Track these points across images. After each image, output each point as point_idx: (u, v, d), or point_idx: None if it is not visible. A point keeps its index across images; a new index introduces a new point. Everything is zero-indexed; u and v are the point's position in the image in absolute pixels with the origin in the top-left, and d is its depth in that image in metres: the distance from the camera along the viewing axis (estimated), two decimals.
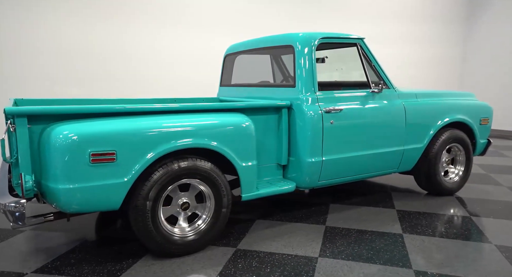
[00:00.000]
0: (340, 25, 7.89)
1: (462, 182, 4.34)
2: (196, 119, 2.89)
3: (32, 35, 5.05)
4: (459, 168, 4.35)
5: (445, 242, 3.11)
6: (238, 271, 2.68)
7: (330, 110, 3.39)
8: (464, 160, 4.34)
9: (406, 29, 8.73)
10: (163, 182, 2.74)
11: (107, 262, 2.82)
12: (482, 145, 4.46)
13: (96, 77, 5.44)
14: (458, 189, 4.32)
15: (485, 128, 4.43)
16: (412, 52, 8.88)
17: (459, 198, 4.23)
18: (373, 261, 2.81)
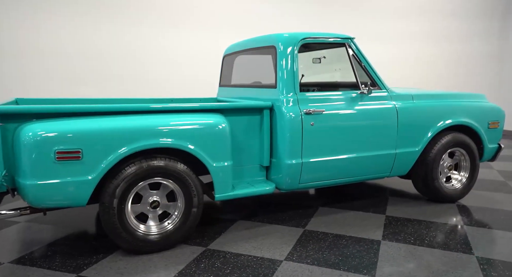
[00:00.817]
0: (363, 23, 7.71)
1: (466, 189, 4.11)
2: (166, 120, 2.94)
3: (44, 37, 5.33)
4: (463, 174, 4.13)
5: (423, 251, 2.98)
6: (198, 270, 2.71)
7: (310, 112, 3.34)
8: (469, 166, 4.11)
9: (433, 25, 8.36)
10: (129, 180, 2.82)
11: (79, 255, 2.94)
12: (491, 150, 4.21)
13: (106, 78, 5.67)
14: (461, 196, 4.10)
15: (494, 132, 4.17)
16: (441, 50, 8.50)
17: (460, 205, 4.02)
18: (337, 267, 2.74)
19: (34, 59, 5.29)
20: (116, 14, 5.65)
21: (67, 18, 5.37)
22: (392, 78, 7.42)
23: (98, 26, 5.55)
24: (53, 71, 5.39)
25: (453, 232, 3.33)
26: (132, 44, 5.78)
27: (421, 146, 3.81)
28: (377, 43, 7.83)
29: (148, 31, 5.90)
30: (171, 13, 6.02)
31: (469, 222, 3.56)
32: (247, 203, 4.13)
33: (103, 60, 5.65)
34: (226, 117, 3.27)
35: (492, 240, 3.17)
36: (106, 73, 5.67)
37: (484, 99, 4.29)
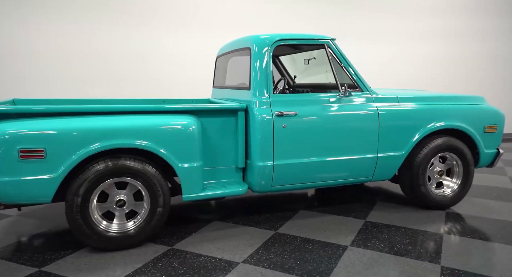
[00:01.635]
0: (390, 22, 7.53)
1: (458, 196, 3.92)
2: (130, 121, 3.01)
3: (51, 39, 5.57)
4: (455, 180, 3.94)
5: (387, 259, 2.88)
6: (153, 269, 2.75)
7: (282, 114, 3.30)
8: (461, 172, 3.91)
9: (446, 24, 8.01)
10: (92, 179, 2.91)
11: (50, 250, 3.07)
12: (488, 155, 3.98)
13: (113, 79, 5.85)
14: (452, 204, 3.92)
15: (491, 137, 3.95)
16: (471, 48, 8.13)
17: (450, 213, 3.84)
18: (291, 271, 2.70)
19: (44, 61, 5.54)
20: (121, 16, 5.83)
21: (75, 20, 5.59)
22: (401, 78, 7.21)
23: (103, 28, 5.74)
24: (63, 73, 5.64)
25: (429, 240, 3.19)
26: (135, 46, 5.94)
27: (406, 150, 3.67)
28: (387, 43, 7.61)
29: (151, 33, 6.04)
30: (175, 15, 6.13)
31: (451, 230, 3.40)
32: (229, 204, 4.15)
33: (109, 62, 5.84)
34: (200, 118, 3.31)
35: (467, 250, 3.01)
36: (112, 74, 5.86)
37: (482, 101, 4.07)
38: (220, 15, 6.47)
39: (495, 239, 3.21)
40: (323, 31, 6.89)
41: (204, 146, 3.40)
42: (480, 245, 3.11)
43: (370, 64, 7.36)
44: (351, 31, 7.36)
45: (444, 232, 3.36)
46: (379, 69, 7.48)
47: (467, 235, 3.30)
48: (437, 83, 7.83)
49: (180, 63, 6.19)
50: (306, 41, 3.52)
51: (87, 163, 2.97)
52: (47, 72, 5.57)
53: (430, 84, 7.62)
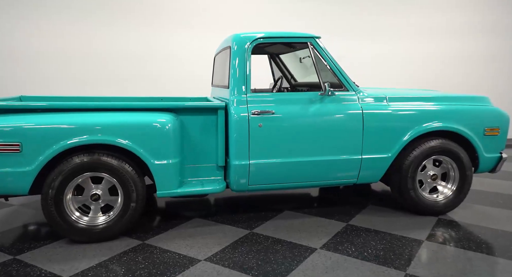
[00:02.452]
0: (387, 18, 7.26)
1: (453, 202, 3.71)
2: (105, 118, 3.10)
3: (62, 40, 5.84)
4: (450, 185, 3.73)
5: (353, 263, 2.78)
6: (117, 262, 2.83)
7: (258, 113, 3.28)
8: (457, 177, 3.70)
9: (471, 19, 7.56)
10: (66, 173, 3.03)
11: (31, 240, 3.23)
12: (489, 160, 3.74)
13: (121, 78, 6.05)
14: (446, 210, 3.71)
15: (493, 140, 3.70)
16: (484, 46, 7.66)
17: (442, 219, 3.64)
18: (249, 271, 2.68)
19: (53, 60, 5.83)
20: (125, 16, 6.03)
21: (81, 21, 5.83)
22: (414, 78, 6.92)
23: (108, 28, 5.96)
24: (70, 72, 5.90)
25: (405, 247, 3.05)
26: (140, 46, 6.11)
27: (393, 152, 3.52)
28: (402, 40, 7.31)
29: (155, 33, 6.18)
30: (178, 15, 6.24)
31: (435, 238, 3.22)
32: (217, 202, 4.17)
33: (116, 62, 6.05)
34: (181, 116, 3.36)
35: (443, 259, 2.85)
36: (120, 74, 6.07)
37: (485, 102, 3.82)
38: (222, 14, 6.52)
39: (480, 249, 3.02)
40: (325, 30, 6.81)
41: (185, 144, 3.44)
42: (460, 254, 2.93)
43: (379, 62, 7.16)
44: (357, 29, 7.17)
45: (425, 239, 3.19)
46: (387, 68, 7.24)
47: (450, 243, 3.12)
48: (453, 82, 7.44)
49: (183, 62, 6.28)
50: (288, 39, 3.46)
51: (60, 157, 3.09)
52: (56, 71, 5.85)
53: (445, 83, 7.26)
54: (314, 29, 6.86)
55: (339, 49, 6.92)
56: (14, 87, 5.54)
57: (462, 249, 3.01)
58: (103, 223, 3.17)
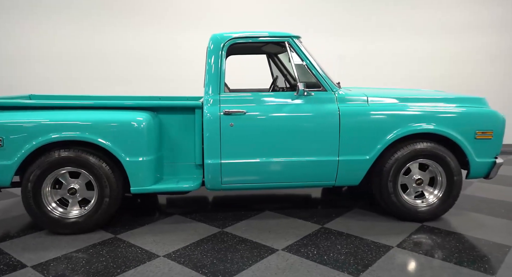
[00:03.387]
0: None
1: (440, 209, 3.52)
2: (82, 116, 3.24)
3: (87, 42, 6.14)
4: (437, 191, 3.55)
5: (307, 266, 2.73)
6: (81, 254, 2.96)
7: (230, 112, 3.30)
8: (445, 182, 3.51)
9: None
10: (43, 167, 3.20)
11: (17, 229, 3.45)
12: (481, 165, 3.51)
13: (130, 78, 6.28)
14: (432, 217, 3.53)
15: (485, 144, 3.48)
16: None
17: (425, 226, 3.46)
18: (200, 269, 2.71)
19: (66, 61, 6.16)
20: (134, 18, 6.24)
21: (102, 27, 6.10)
22: (422, 76, 6.60)
23: (120, 30, 6.19)
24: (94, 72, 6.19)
25: (369, 252, 2.94)
26: (144, 46, 6.30)
27: (373, 154, 3.41)
28: (405, 38, 6.98)
29: (163, 34, 6.34)
30: (187, 15, 6.36)
31: (406, 245, 3.08)
32: (202, 200, 4.22)
33: (124, 62, 6.29)
34: (160, 115, 3.47)
35: (402, 266, 2.73)
36: (127, 73, 6.31)
37: (480, 103, 3.60)
38: (227, 15, 6.58)
39: (449, 258, 2.85)
40: (332, 29, 6.66)
41: (164, 142, 3.53)
42: (424, 262, 2.79)
43: (382, 61, 6.92)
44: (358, 27, 6.95)
45: (396, 246, 3.06)
46: (391, 67, 6.98)
47: (420, 251, 2.97)
48: (463, 81, 7.02)
49: (187, 62, 6.40)
50: (265, 39, 3.45)
51: (40, 152, 3.26)
52: (70, 71, 6.18)
53: (459, 82, 6.86)
54: (314, 28, 6.80)
55: (341, 48, 6.79)
56: (29, 86, 5.89)
57: (429, 257, 2.86)
58: (78, 216, 3.31)
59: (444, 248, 3.01)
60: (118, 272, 2.68)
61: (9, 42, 6.10)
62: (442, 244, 3.09)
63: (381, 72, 6.95)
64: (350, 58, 6.84)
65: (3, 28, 6.05)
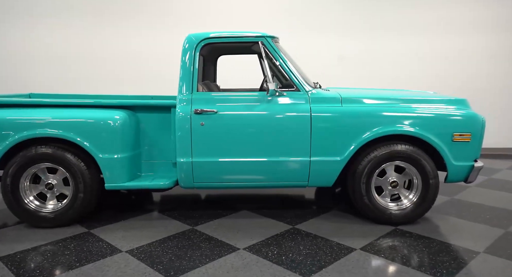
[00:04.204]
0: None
1: (415, 213, 3.44)
2: (59, 114, 3.36)
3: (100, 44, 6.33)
4: (412, 194, 3.47)
5: (262, 266, 2.73)
6: (50, 247, 3.07)
7: (201, 111, 3.34)
8: (420, 185, 3.43)
9: None
10: (20, 163, 3.34)
11: (5, 220, 3.58)
12: (459, 169, 3.40)
13: (143, 78, 6.42)
14: (406, 220, 3.45)
15: (463, 147, 3.37)
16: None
17: (398, 230, 3.39)
18: (155, 265, 2.77)
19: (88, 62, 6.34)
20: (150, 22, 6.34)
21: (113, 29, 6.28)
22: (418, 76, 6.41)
23: (120, 31, 6.37)
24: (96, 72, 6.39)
25: (330, 254, 2.91)
26: (148, 47, 6.42)
27: (345, 155, 3.36)
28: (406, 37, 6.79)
29: (167, 35, 6.44)
30: (188, 16, 6.45)
31: (369, 248, 3.02)
32: (186, 198, 4.27)
33: (130, 62, 6.43)
34: (138, 114, 3.58)
35: (356, 268, 2.68)
36: (143, 73, 6.42)
37: (461, 105, 3.49)
38: (225, 14, 6.63)
39: (408, 262, 2.79)
40: (332, 28, 6.58)
41: (143, 140, 3.62)
42: (382, 266, 2.74)
43: (383, 60, 6.78)
44: (358, 25, 6.81)
45: (359, 248, 3.02)
46: (391, 67, 6.82)
47: (381, 254, 2.92)
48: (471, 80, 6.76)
49: None
50: (239, 39, 3.47)
51: (19, 149, 3.39)
52: (72, 71, 6.39)
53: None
54: (316, 26, 6.73)
55: (340, 48, 6.71)
56: (32, 85, 6.12)
57: (389, 261, 2.81)
58: (54, 211, 3.43)
59: (408, 252, 2.94)
60: (77, 265, 2.76)
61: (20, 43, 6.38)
62: (408, 248, 3.02)
63: (381, 72, 6.82)
64: (350, 58, 6.76)
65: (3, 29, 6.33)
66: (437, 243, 3.12)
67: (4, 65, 6.44)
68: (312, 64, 6.58)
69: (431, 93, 3.99)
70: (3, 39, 6.42)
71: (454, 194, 4.40)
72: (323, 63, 6.65)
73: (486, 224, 3.53)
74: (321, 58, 6.69)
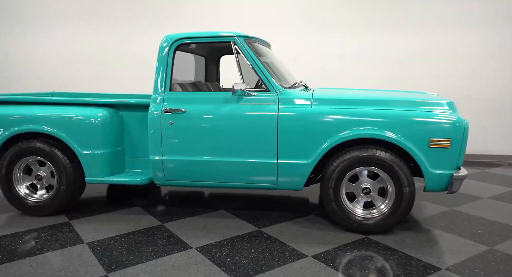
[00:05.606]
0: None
1: (387, 222, 3.22)
2: (45, 111, 3.62)
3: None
4: (385, 203, 3.26)
5: (201, 266, 2.74)
6: (25, 234, 3.32)
7: (171, 111, 3.41)
8: (393, 193, 3.21)
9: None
10: (12, 156, 3.65)
11: (1, 208, 3.95)
12: (438, 177, 3.13)
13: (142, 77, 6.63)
14: (378, 230, 3.24)
15: (442, 154, 3.10)
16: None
17: (365, 239, 3.20)
18: (102, 259, 2.88)
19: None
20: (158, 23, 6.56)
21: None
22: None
23: (123, 32, 6.66)
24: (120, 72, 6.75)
25: (278, 258, 2.83)
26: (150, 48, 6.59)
27: (313, 158, 3.25)
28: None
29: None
30: (191, 18, 6.53)
31: (322, 256, 2.89)
32: (173, 195, 4.37)
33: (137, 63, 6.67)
34: (122, 112, 3.76)
35: (295, 275, 2.61)
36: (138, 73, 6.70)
37: (444, 107, 3.21)
38: (224, 15, 6.62)
39: (357, 275, 2.63)
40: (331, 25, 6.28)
41: (126, 137, 3.78)
42: (323, 275, 2.62)
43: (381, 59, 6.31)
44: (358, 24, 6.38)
45: (312, 255, 2.91)
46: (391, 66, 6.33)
47: (330, 263, 2.79)
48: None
49: None
50: (211, 39, 3.48)
51: (12, 142, 3.71)
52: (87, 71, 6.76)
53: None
54: (316, 25, 6.48)
55: (340, 47, 6.41)
56: (57, 85, 6.59)
57: (334, 271, 2.67)
58: (40, 200, 3.70)
59: (360, 264, 2.78)
60: (36, 253, 2.96)
61: (52, 46, 6.93)
62: (363, 259, 2.85)
63: (381, 71, 6.46)
64: (351, 57, 6.49)
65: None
66: (399, 256, 2.90)
67: (43, 65, 7.02)
68: (316, 63, 6.46)
69: (431, 95, 3.72)
70: (39, 42, 7.01)
71: (456, 205, 4.05)
72: (326, 61, 6.51)
73: (472, 239, 3.22)
74: (322, 56, 6.53)
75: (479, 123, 6.23)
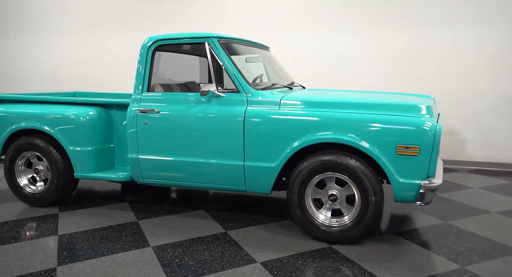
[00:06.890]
0: None
1: (352, 232, 3.04)
2: (39, 109, 3.89)
3: None
4: (351, 211, 3.08)
5: (146, 266, 2.79)
6: (12, 223, 3.60)
7: (145, 111, 3.51)
8: (359, 201, 3.02)
9: None
10: (14, 150, 3.98)
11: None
12: (406, 187, 2.89)
13: None
14: (343, 239, 3.06)
15: (411, 162, 2.85)
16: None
17: (328, 249, 3.05)
18: (60, 252, 3.03)
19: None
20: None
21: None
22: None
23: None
24: None
25: (227, 262, 2.79)
26: None
27: (278, 162, 3.16)
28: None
29: None
30: (207, 19, 6.52)
31: (272, 263, 2.79)
32: (163, 193, 4.46)
33: None
34: (111, 111, 3.92)
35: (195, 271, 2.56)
36: None
37: (414, 113, 2.95)
38: (224, 15, 6.56)
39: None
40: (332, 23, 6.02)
41: (115, 136, 3.95)
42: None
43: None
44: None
45: (261, 262, 2.83)
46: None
47: (275, 271, 2.69)
48: None
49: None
50: (186, 40, 3.51)
51: (13, 139, 4.03)
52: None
53: None
54: (317, 24, 6.18)
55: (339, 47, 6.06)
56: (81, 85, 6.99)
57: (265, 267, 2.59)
58: (36, 192, 3.99)
59: (306, 275, 2.65)
60: (11, 242, 3.21)
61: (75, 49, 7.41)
62: (312, 270, 2.72)
63: (381, 71, 6.04)
64: (349, 56, 6.15)
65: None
66: (353, 269, 2.73)
67: (68, 67, 7.54)
68: (316, 63, 6.23)
69: (417, 97, 3.45)
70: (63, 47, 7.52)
71: (454, 218, 3.70)
72: (325, 61, 6.31)
73: (446, 257, 2.93)
74: (322, 56, 6.31)
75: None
